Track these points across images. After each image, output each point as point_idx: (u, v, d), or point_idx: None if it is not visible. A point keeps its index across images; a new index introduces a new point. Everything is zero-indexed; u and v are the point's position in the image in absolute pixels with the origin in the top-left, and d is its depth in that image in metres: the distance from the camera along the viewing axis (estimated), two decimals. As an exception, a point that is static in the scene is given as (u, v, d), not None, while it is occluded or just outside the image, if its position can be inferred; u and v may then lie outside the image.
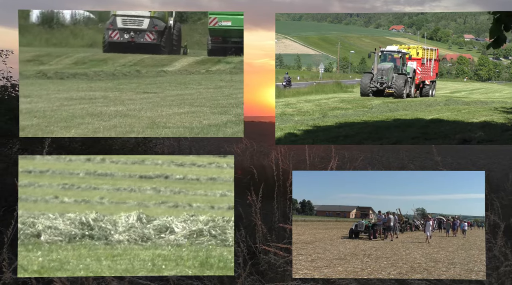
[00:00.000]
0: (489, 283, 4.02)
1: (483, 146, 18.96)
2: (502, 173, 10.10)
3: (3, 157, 7.67)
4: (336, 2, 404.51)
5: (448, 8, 73.11)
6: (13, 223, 4.07)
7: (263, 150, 12.24)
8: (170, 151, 10.97)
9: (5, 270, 3.87)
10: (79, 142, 8.43)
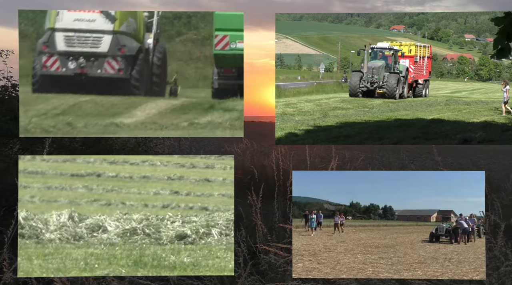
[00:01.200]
0: (490, 283, 4.02)
1: (484, 146, 18.94)
2: (503, 173, 10.09)
3: (3, 157, 7.66)
4: (337, 2, 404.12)
5: (449, 8, 73.08)
6: (13, 223, 4.07)
7: (263, 150, 12.24)
8: (170, 151, 10.97)
9: (5, 270, 3.86)
10: (80, 142, 8.43)
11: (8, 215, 4.98)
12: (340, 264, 3.94)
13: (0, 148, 7.74)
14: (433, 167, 9.38)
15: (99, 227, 4.39)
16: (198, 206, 5.25)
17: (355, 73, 9.00)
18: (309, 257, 4.03)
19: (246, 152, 11.44)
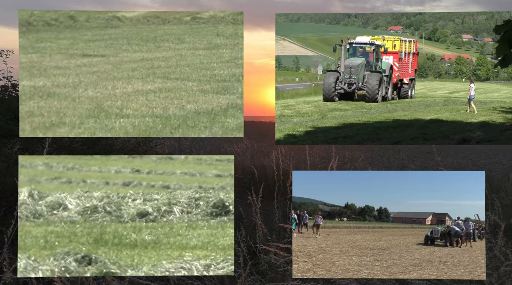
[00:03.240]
0: (490, 283, 4.03)
1: (484, 146, 18.97)
2: (503, 173, 10.12)
3: (3, 157, 7.67)
4: (337, 2, 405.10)
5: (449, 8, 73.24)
6: (13, 223, 4.08)
7: (263, 150, 12.26)
8: (170, 151, 10.99)
9: (5, 270, 3.87)
10: (80, 142, 8.44)
11: (8, 215, 4.99)
12: (335, 265, 3.94)
13: (0, 148, 7.75)
14: (433, 167, 9.40)
15: (59, 205, 4.31)
16: (160, 184, 5.14)
17: (329, 73, 7.72)
18: (304, 259, 4.03)
19: (246, 152, 11.46)
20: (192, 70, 4.61)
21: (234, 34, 4.08)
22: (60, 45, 5.29)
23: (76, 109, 3.80)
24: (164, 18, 5.35)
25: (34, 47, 5.05)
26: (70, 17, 5.15)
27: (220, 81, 4.28)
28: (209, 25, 5.41)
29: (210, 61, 4.78)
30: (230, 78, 3.82)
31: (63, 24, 5.22)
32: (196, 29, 5.46)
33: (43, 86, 4.21)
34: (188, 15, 5.44)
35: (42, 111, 3.99)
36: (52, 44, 5.33)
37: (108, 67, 4.68)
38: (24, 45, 3.84)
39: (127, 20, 5.35)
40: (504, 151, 17.69)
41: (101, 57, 4.94)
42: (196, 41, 5.37)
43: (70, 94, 4.05)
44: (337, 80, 7.56)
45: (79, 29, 5.43)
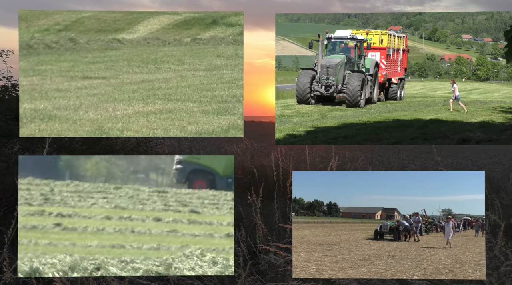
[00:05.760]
0: (490, 283, 4.04)
1: (484, 146, 18.98)
2: (503, 173, 10.13)
3: (3, 157, 7.67)
4: (337, 2, 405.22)
5: (449, 7, 73.29)
6: (13, 223, 4.08)
7: (263, 150, 12.27)
8: (170, 150, 10.99)
9: (5, 270, 3.87)
10: (80, 142, 8.44)
11: (8, 215, 4.99)
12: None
13: (0, 148, 7.75)
14: (433, 167, 9.40)
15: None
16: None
17: (304, 71, 6.76)
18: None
19: (246, 152, 11.46)
20: (193, 91, 4.63)
21: (234, 55, 4.14)
22: (61, 67, 5.36)
23: (77, 132, 3.81)
24: (164, 40, 5.54)
25: (35, 69, 5.15)
26: (71, 39, 5.38)
27: (220, 102, 4.31)
28: (209, 46, 5.55)
29: (211, 82, 4.84)
30: (231, 99, 4.01)
31: (64, 47, 5.36)
32: (196, 50, 5.57)
33: (44, 109, 4.25)
34: (188, 37, 5.52)
35: (43, 134, 3.98)
36: (52, 66, 5.39)
37: (108, 89, 4.71)
38: (24, 68, 3.90)
39: (127, 42, 5.50)
40: (504, 151, 17.70)
41: (101, 79, 4.96)
42: (197, 62, 5.40)
43: (71, 117, 4.06)
44: (313, 79, 6.69)
45: (80, 51, 5.57)
